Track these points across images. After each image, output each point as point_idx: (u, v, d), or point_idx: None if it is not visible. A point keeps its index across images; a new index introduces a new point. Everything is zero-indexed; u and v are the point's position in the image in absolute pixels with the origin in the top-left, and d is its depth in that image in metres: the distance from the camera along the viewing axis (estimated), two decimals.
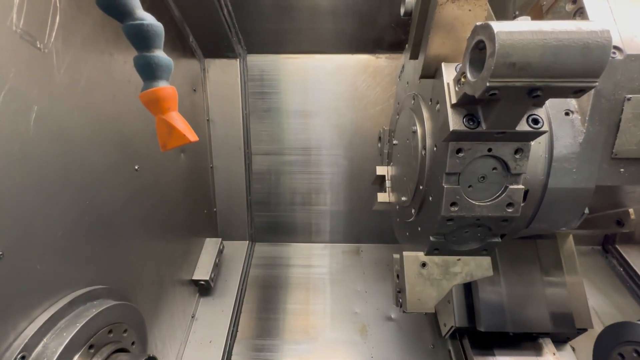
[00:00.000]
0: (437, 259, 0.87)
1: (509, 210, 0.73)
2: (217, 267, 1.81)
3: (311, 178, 2.04)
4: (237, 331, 1.69)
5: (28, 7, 0.74)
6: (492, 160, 0.70)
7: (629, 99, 0.71)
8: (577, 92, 0.53)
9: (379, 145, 1.59)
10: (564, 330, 1.34)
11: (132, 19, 0.40)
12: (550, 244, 1.44)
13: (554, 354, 1.43)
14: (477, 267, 0.87)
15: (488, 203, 0.73)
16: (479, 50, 0.56)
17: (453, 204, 0.73)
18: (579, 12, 0.75)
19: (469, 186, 0.73)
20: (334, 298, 1.84)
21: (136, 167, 1.18)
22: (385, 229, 2.03)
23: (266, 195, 2.05)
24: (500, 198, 0.72)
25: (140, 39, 0.41)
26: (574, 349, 1.48)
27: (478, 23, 0.54)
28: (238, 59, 1.81)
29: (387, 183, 1.38)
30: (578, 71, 0.50)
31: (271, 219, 2.10)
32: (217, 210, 2.00)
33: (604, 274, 1.99)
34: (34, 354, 0.73)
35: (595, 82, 0.51)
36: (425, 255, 0.87)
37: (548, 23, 0.50)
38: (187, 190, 1.64)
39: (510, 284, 1.37)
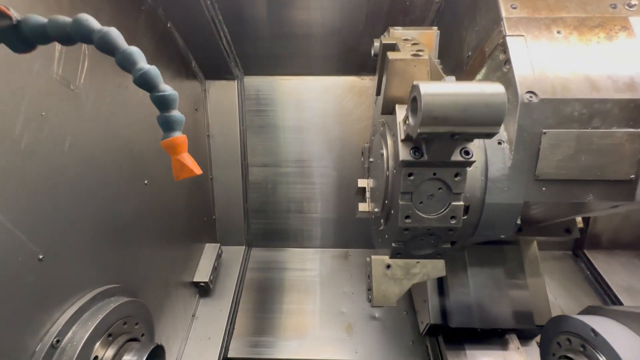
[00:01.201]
0: (399, 261, 1.04)
1: (452, 222, 0.90)
2: (215, 270, 1.97)
3: (303, 188, 2.21)
4: (233, 329, 1.84)
5: (65, 57, 0.91)
6: (437, 182, 0.87)
7: (544, 133, 0.88)
8: (488, 135, 0.71)
9: (362, 159, 1.76)
10: (525, 327, 1.50)
11: (158, 91, 0.57)
12: (515, 249, 1.61)
13: (518, 348, 1.59)
14: (433, 268, 1.04)
15: (435, 216, 0.90)
16: (415, 102, 0.73)
17: (407, 217, 0.90)
18: (507, 62, 0.93)
19: (420, 202, 0.90)
20: (323, 299, 2.00)
21: (145, 182, 1.35)
22: (371, 235, 2.19)
23: (262, 203, 2.22)
24: (445, 212, 0.89)
25: (163, 104, 0.58)
26: (539, 345, 1.63)
27: (414, 82, 0.71)
28: (236, 81, 1.99)
29: (367, 194, 1.55)
30: (484, 121, 0.68)
31: (266, 226, 2.26)
32: (216, 217, 2.16)
33: (574, 277, 2.15)
34: (65, 339, 0.89)
35: (498, 129, 0.68)
36: (390, 258, 1.04)
37: (462, 86, 0.68)
38: (189, 200, 1.80)
39: (478, 286, 1.54)
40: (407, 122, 0.79)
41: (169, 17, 1.50)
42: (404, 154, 0.82)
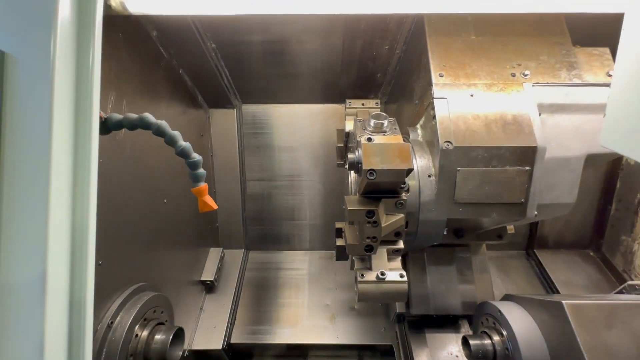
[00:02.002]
0: None
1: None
2: (219, 270, 2.30)
3: (294, 198, 2.55)
4: (235, 319, 2.18)
5: None
6: None
7: (459, 170, 1.23)
8: None
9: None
10: (470, 313, 1.85)
11: (191, 158, 0.91)
12: (465, 251, 1.96)
13: (468, 331, 1.95)
14: None
15: None
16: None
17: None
18: (434, 117, 1.27)
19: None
20: (311, 294, 2.33)
21: (165, 201, 1.69)
22: None
23: (258, 212, 2.55)
24: None
25: (193, 166, 0.91)
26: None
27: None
28: (235, 109, 2.33)
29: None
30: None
31: (262, 232, 2.59)
32: (219, 225, 2.49)
33: (526, 273, 2.50)
34: (116, 321, 1.23)
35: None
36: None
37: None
38: (197, 212, 2.13)
39: (434, 280, 1.88)
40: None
41: (181, 65, 1.84)
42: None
